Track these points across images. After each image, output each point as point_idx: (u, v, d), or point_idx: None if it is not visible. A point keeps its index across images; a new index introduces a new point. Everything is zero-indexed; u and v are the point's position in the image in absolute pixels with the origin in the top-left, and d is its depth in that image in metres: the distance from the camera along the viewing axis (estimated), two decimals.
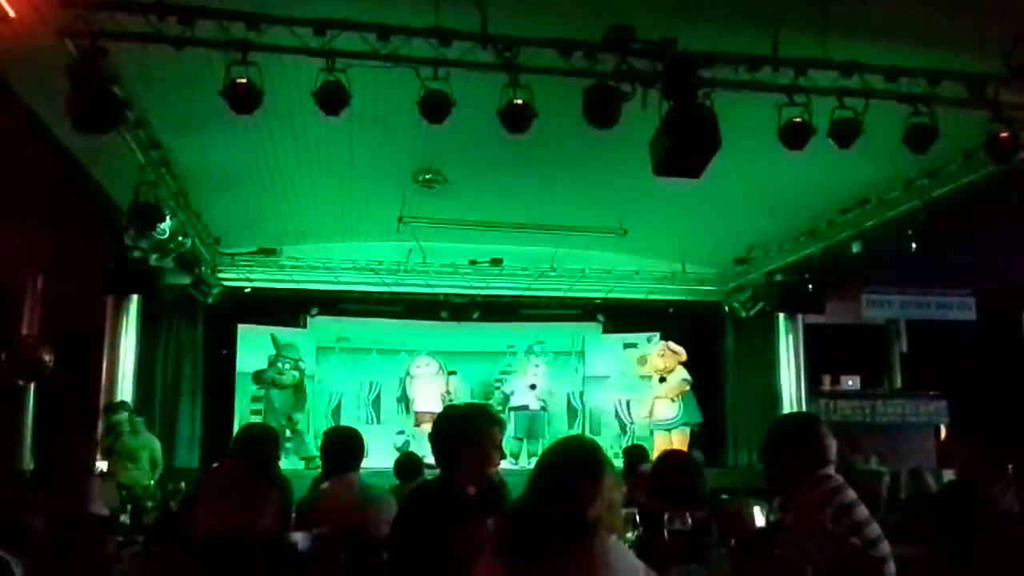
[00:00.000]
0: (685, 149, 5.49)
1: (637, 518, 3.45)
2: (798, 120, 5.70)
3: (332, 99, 5.35)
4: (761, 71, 5.64)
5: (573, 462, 2.46)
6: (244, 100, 5.31)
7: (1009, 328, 11.72)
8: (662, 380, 12.13)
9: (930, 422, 12.15)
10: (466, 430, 3.03)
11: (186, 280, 10.26)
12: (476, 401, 11.22)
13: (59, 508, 3.60)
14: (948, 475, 8.46)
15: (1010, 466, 6.83)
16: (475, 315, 12.18)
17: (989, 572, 3.77)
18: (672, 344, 12.21)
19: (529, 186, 9.13)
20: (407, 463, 6.55)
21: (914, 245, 8.10)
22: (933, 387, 12.28)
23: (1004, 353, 11.99)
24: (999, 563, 3.78)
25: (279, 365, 11.60)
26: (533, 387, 12.16)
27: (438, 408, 11.60)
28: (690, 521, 3.39)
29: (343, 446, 4.56)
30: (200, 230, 9.69)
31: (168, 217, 8.00)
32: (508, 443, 8.25)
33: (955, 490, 5.49)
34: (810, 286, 10.66)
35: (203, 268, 10.37)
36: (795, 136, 5.75)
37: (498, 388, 12.32)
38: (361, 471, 4.55)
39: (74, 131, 5.53)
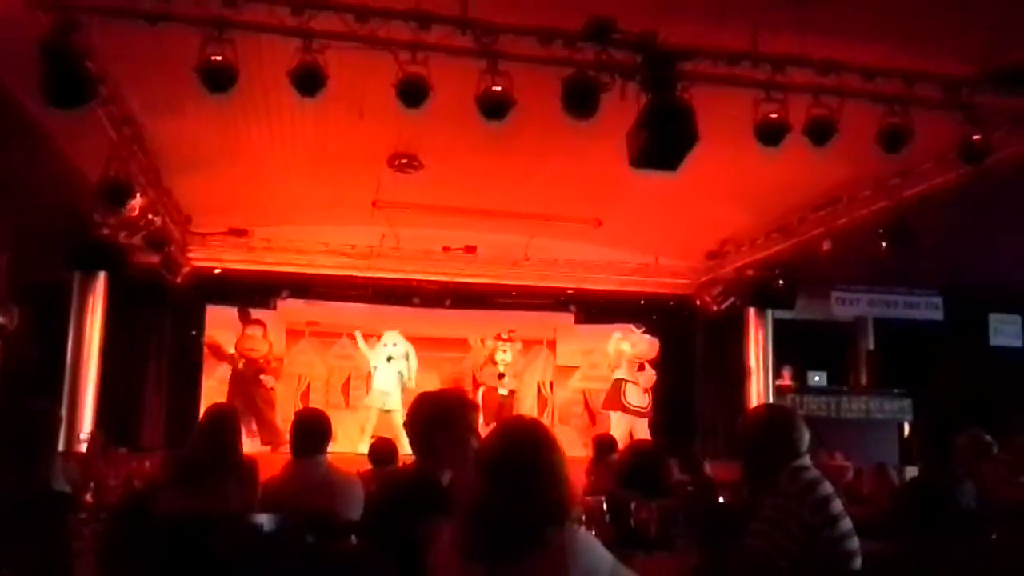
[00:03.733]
0: (662, 142, 5.51)
1: (605, 506, 3.47)
2: (774, 117, 5.74)
3: (309, 80, 5.30)
4: (740, 66, 5.66)
5: (521, 450, 2.30)
6: (219, 78, 5.24)
7: (975, 329, 11.88)
8: (640, 369, 12.25)
9: (894, 419, 12.31)
10: (442, 416, 3.00)
11: (155, 259, 10.14)
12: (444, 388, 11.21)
13: (19, 484, 3.54)
14: (911, 472, 8.57)
15: (971, 465, 6.94)
16: (447, 302, 12.17)
17: (948, 569, 3.83)
18: (654, 339, 12.39)
19: (505, 174, 9.11)
20: (381, 448, 6.52)
21: (884, 244, 8.19)
22: (898, 385, 12.43)
23: (969, 354, 12.17)
24: (958, 561, 3.84)
25: (249, 333, 11.51)
26: (502, 376, 12.19)
27: (392, 390, 11.62)
28: (657, 511, 3.42)
29: (312, 428, 4.52)
30: (170, 209, 9.58)
31: (138, 194, 7.90)
32: None
33: (917, 488, 5.57)
34: (780, 282, 10.75)
35: (172, 247, 10.25)
36: (771, 133, 5.80)
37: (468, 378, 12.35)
38: (328, 455, 4.53)
39: (46, 105, 5.44)
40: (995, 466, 5.49)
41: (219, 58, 5.15)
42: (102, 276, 9.70)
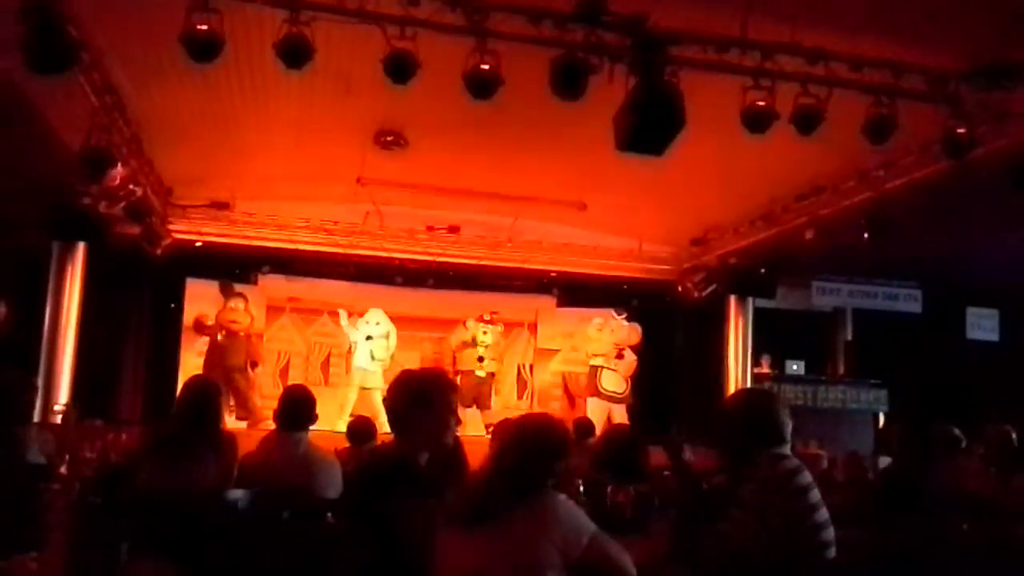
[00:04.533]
0: (649, 126, 5.49)
1: (581, 489, 3.48)
2: (761, 104, 5.73)
3: (295, 52, 5.24)
4: (729, 53, 5.65)
5: (532, 432, 2.60)
6: (204, 48, 5.17)
7: (952, 322, 11.99)
8: (619, 356, 12.29)
9: (869, 409, 12.44)
10: (422, 395, 2.98)
11: (135, 230, 10.04)
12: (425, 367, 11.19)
13: None
14: (884, 462, 8.66)
15: (942, 457, 7.02)
16: (429, 281, 12.13)
17: (917, 559, 3.87)
18: (636, 325, 12.42)
19: (491, 154, 9.07)
20: (360, 427, 6.50)
21: (866, 235, 8.23)
22: (875, 376, 12.55)
23: (946, 347, 12.29)
24: (927, 551, 3.88)
25: (231, 305, 11.45)
26: (481, 360, 12.19)
27: (373, 368, 11.59)
28: (633, 494, 3.44)
29: (297, 404, 4.51)
30: (152, 180, 9.48)
31: (119, 164, 7.81)
32: None
33: (889, 478, 5.63)
34: (762, 271, 10.79)
35: (153, 219, 10.14)
36: (758, 120, 5.79)
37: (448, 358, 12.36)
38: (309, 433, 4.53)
39: (27, 70, 5.35)
40: (969, 459, 5.56)
41: (204, 27, 5.08)
42: (81, 246, 9.60)
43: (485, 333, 12.30)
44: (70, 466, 5.33)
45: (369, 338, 11.87)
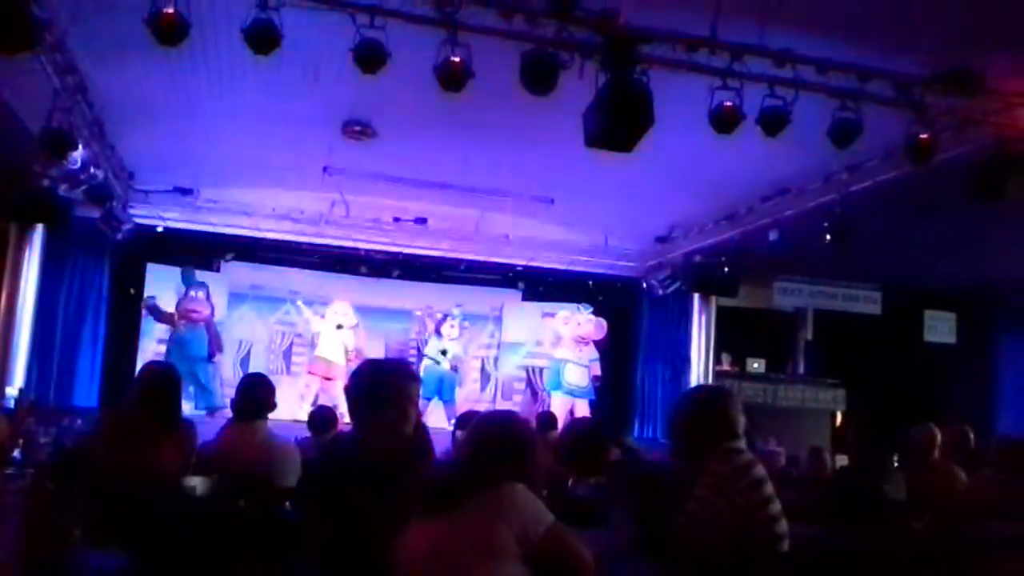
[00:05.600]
0: (618, 123, 5.51)
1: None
2: (729, 105, 5.78)
3: (262, 38, 5.18)
4: (698, 53, 5.69)
5: (497, 427, 2.65)
6: (169, 31, 5.09)
7: (911, 325, 12.18)
8: (583, 351, 12.42)
9: (827, 409, 12.61)
10: (384, 386, 2.97)
11: (95, 214, 9.88)
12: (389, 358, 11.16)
13: None
14: (840, 461, 8.80)
15: (896, 456, 7.15)
16: (395, 273, 12.10)
17: (871, 556, 3.93)
18: (601, 320, 12.48)
19: (459, 146, 9.04)
20: (321, 416, 6.47)
21: (828, 237, 8.34)
22: (833, 375, 12.73)
23: (904, 349, 12.49)
24: (881, 548, 3.94)
25: (192, 294, 11.32)
26: (445, 352, 12.20)
27: (338, 359, 11.56)
28: (593, 487, 3.45)
29: (256, 393, 4.48)
30: (114, 163, 9.34)
31: (80, 147, 7.68)
32: None
33: (845, 476, 5.72)
34: (726, 269, 10.89)
35: (114, 203, 9.99)
36: (725, 121, 5.84)
37: (413, 349, 12.35)
38: (267, 421, 4.50)
39: None
40: (940, 461, 5.63)
41: (170, 10, 5.01)
42: (40, 229, 9.43)
43: (452, 326, 12.32)
44: (24, 451, 5.26)
45: (339, 327, 11.83)
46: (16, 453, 5.11)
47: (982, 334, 13.32)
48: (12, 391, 8.75)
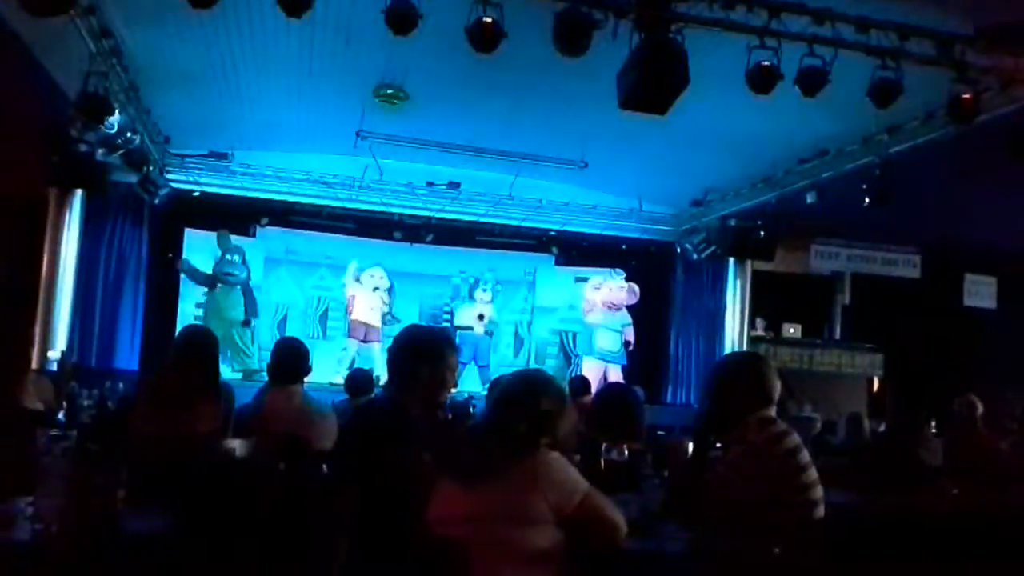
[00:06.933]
0: (653, 84, 5.43)
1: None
2: (766, 64, 5.67)
3: (294, 0, 5.16)
4: (735, 10, 5.58)
5: (526, 387, 2.66)
6: None
7: (950, 289, 11.99)
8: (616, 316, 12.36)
9: (864, 374, 12.49)
10: (427, 350, 3.01)
11: (133, 178, 9.98)
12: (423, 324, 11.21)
13: None
14: (877, 426, 8.72)
15: (933, 423, 7.07)
16: (428, 237, 12.09)
17: (908, 524, 3.91)
18: (634, 285, 12.41)
19: (492, 110, 8.99)
20: (358, 379, 6.52)
21: (867, 200, 8.20)
22: (870, 340, 12.59)
23: (943, 313, 12.30)
24: (917, 514, 3.91)
25: (228, 258, 11.43)
26: (481, 317, 12.23)
27: (375, 322, 11.63)
28: (627, 452, 3.46)
29: (290, 357, 4.52)
30: (150, 127, 9.40)
31: (117, 111, 7.74)
32: None
33: (881, 442, 5.67)
34: (762, 233, 10.76)
35: (151, 167, 10.07)
36: (762, 80, 5.73)
37: (447, 313, 12.41)
38: (304, 384, 4.54)
39: (23, 12, 5.27)
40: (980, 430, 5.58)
41: None
42: (79, 194, 9.54)
43: (484, 291, 12.34)
44: (67, 414, 5.37)
45: (376, 289, 11.90)
46: (60, 415, 5.21)
47: None
48: (55, 354, 8.91)
